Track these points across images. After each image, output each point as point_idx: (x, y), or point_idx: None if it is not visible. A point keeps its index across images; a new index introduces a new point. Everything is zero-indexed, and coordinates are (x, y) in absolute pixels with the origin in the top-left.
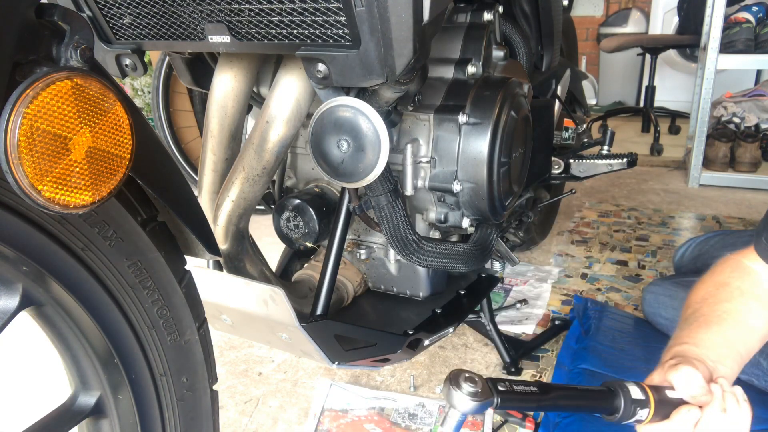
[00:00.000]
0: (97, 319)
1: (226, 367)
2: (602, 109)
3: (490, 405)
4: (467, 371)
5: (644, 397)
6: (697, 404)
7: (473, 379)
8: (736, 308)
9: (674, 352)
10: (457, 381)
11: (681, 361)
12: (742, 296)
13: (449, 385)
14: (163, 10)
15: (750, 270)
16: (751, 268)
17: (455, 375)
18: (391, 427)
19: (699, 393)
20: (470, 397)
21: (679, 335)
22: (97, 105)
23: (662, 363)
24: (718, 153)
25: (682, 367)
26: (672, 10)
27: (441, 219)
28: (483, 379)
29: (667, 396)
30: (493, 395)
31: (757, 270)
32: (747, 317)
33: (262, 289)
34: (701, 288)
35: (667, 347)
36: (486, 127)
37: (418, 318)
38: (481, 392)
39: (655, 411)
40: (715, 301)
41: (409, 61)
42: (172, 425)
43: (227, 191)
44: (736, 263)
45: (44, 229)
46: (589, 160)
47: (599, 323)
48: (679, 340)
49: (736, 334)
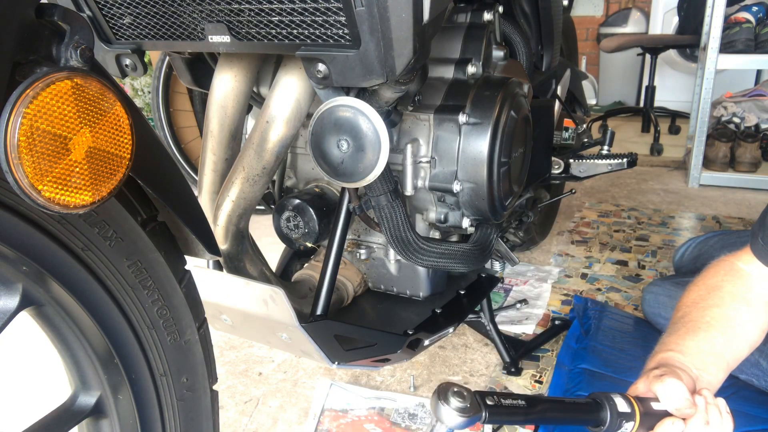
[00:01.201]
0: (97, 319)
1: (226, 367)
2: (602, 109)
3: (477, 420)
4: (456, 385)
5: (630, 410)
6: (681, 416)
7: (462, 394)
8: (725, 314)
9: (659, 360)
10: (446, 395)
11: (666, 372)
12: (733, 301)
13: (437, 399)
14: (163, 10)
15: (743, 273)
16: (744, 270)
17: (444, 389)
18: (391, 427)
19: (683, 405)
20: (458, 412)
21: (665, 341)
22: (97, 105)
23: (647, 371)
24: (718, 153)
25: (667, 378)
26: (672, 10)
27: (441, 219)
28: (471, 393)
29: (652, 408)
30: (482, 410)
31: (750, 273)
32: (735, 323)
33: (262, 289)
34: (693, 290)
35: (653, 352)
36: (486, 127)
37: (418, 318)
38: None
39: (641, 423)
40: (705, 305)
41: (409, 61)
42: (172, 425)
43: (227, 191)
44: (729, 266)
45: (44, 229)
46: (589, 160)
47: (599, 323)
48: (665, 346)
49: (724, 342)
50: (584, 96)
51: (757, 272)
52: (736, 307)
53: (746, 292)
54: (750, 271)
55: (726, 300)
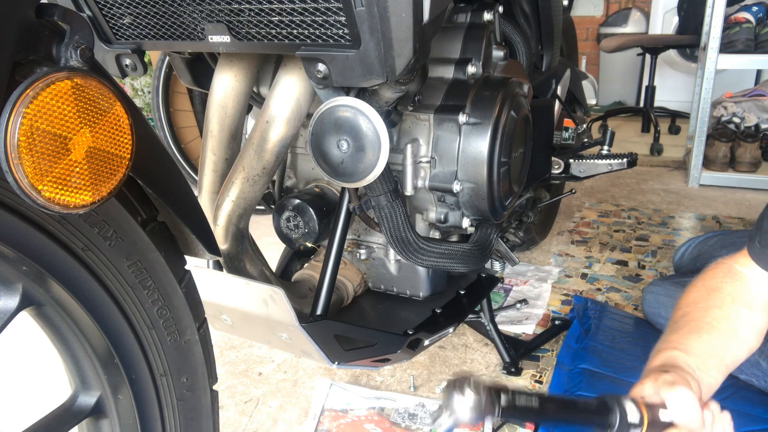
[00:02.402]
0: (97, 319)
1: (226, 367)
2: (602, 109)
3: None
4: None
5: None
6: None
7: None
8: (726, 315)
9: (664, 359)
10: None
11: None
12: (734, 303)
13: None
14: (163, 10)
15: (741, 276)
16: (743, 273)
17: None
18: (391, 427)
19: (693, 420)
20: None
21: (668, 338)
22: (97, 105)
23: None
24: (718, 153)
25: (679, 387)
26: (672, 10)
27: (441, 219)
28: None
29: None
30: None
31: (747, 276)
32: (736, 326)
33: (262, 289)
34: (693, 291)
35: (655, 349)
36: (486, 127)
37: (418, 318)
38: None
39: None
40: (706, 306)
41: (409, 61)
42: (172, 425)
43: (227, 191)
44: (727, 268)
45: (44, 229)
46: (589, 160)
47: (599, 323)
48: (668, 344)
49: (725, 344)
50: (584, 96)
51: (754, 275)
52: (737, 309)
53: (745, 295)
54: (747, 273)
55: (726, 302)
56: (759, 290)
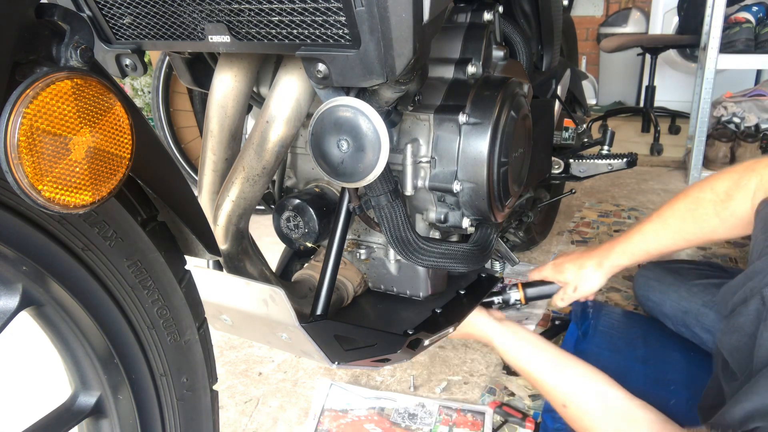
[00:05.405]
0: (97, 319)
1: (226, 367)
2: (602, 109)
3: None
4: None
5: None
6: None
7: None
8: (693, 198)
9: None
10: None
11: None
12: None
13: None
14: (163, 10)
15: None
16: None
17: None
18: (391, 427)
19: None
20: None
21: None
22: (97, 105)
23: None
24: (718, 153)
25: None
26: (672, 10)
27: (441, 219)
28: None
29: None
30: None
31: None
32: (698, 206)
33: (262, 289)
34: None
35: None
36: (486, 127)
37: (418, 318)
38: None
39: None
40: (677, 200)
41: (409, 61)
42: (172, 425)
43: (227, 191)
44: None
45: (44, 229)
46: (589, 160)
47: (598, 324)
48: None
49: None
50: (584, 96)
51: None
52: (705, 197)
53: (726, 200)
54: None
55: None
56: (737, 204)
